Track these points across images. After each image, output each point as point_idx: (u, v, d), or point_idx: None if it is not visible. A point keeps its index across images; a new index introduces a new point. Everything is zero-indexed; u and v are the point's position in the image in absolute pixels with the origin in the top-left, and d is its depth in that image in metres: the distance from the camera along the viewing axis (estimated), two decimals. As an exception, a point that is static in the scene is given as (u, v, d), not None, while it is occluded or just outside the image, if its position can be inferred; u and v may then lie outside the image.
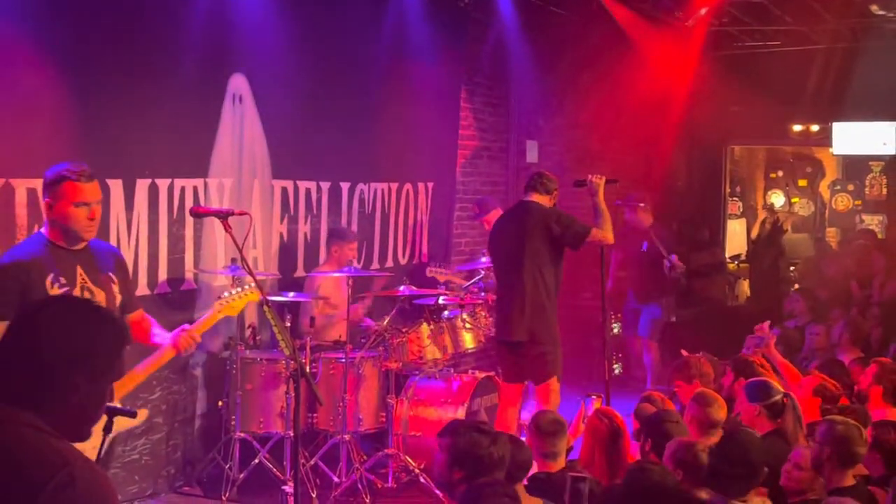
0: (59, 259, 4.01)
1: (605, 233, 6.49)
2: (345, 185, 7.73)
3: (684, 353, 6.22)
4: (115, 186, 5.72)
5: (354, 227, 7.74)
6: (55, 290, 3.95)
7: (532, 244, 6.36)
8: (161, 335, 4.36)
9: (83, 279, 4.05)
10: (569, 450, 5.11)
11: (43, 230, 4.10)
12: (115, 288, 4.20)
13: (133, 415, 3.75)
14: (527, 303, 6.32)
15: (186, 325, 4.34)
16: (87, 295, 4.02)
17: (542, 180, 6.55)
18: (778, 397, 4.97)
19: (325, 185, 7.53)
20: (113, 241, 5.55)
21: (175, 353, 4.27)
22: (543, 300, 6.35)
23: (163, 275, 6.15)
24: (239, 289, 4.59)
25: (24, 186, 5.18)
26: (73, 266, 4.03)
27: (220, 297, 4.55)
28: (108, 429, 3.55)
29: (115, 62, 5.61)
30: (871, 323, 8.53)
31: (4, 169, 5.09)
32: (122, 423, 4.04)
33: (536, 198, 6.51)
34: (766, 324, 6.60)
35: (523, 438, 4.74)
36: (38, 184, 5.17)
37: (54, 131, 5.28)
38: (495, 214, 7.50)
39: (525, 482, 4.17)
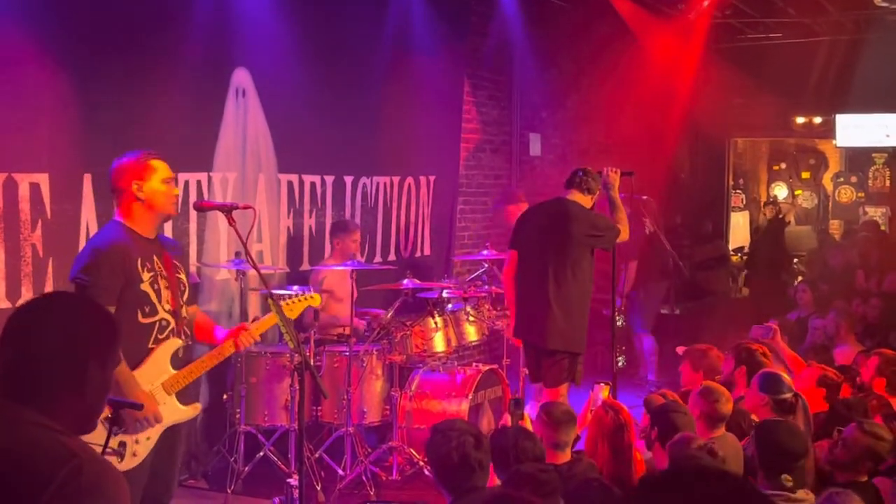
0: (141, 246, 4.07)
1: (624, 231, 6.48)
2: (348, 179, 7.73)
3: (680, 350, 6.21)
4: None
5: (357, 220, 7.74)
6: (145, 275, 4.02)
7: (574, 251, 6.28)
8: (220, 331, 4.43)
9: (159, 267, 4.11)
10: (576, 439, 5.13)
11: (119, 219, 4.11)
12: (183, 277, 4.27)
13: (139, 407, 3.79)
14: (557, 310, 6.26)
15: (246, 324, 4.46)
16: (162, 284, 4.10)
17: (587, 179, 6.40)
18: (788, 395, 4.99)
19: (329, 179, 7.54)
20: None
21: (234, 350, 4.35)
22: (574, 308, 6.31)
23: (167, 269, 6.15)
24: (299, 292, 4.71)
25: (27, 181, 5.18)
26: (151, 255, 4.10)
27: (280, 300, 4.60)
28: (115, 421, 3.59)
29: (117, 56, 5.60)
30: (871, 313, 8.53)
31: (7, 163, 5.08)
32: (179, 415, 4.15)
33: (577, 197, 6.40)
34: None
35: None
36: (41, 178, 5.21)
37: (57, 126, 5.29)
38: (517, 209, 7.38)
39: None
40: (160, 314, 4.07)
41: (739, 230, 14.09)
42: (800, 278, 11.70)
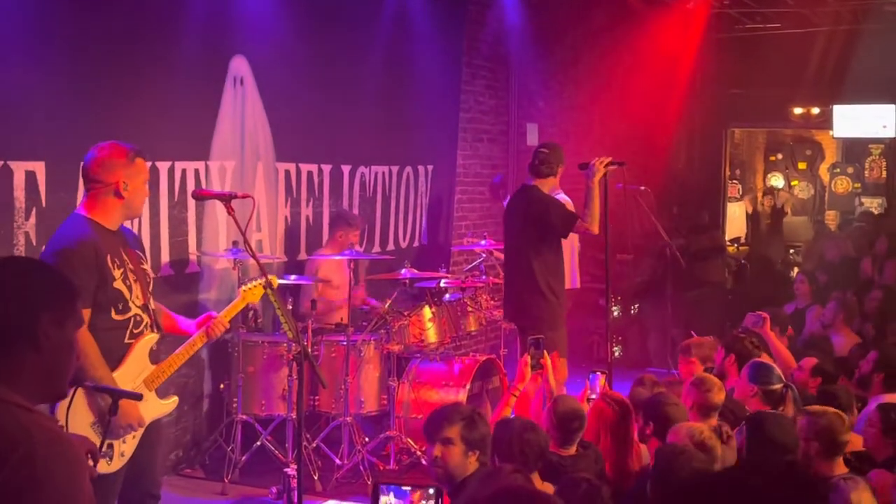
0: (108, 241, 3.99)
1: (590, 224, 6.30)
2: (346, 168, 7.71)
3: (693, 334, 6.24)
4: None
5: (356, 211, 7.73)
6: (117, 272, 3.95)
7: (531, 232, 6.43)
8: (185, 322, 4.39)
9: (127, 262, 4.05)
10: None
11: (83, 213, 4.02)
12: (147, 268, 4.24)
13: (139, 397, 3.78)
14: (525, 288, 6.44)
15: (213, 313, 4.39)
16: (131, 278, 4.04)
17: (541, 165, 6.53)
18: (777, 386, 4.98)
19: (327, 168, 7.52)
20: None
21: (207, 339, 4.30)
22: (542, 285, 6.42)
23: (165, 258, 6.13)
24: (261, 276, 4.70)
25: (22, 169, 5.13)
26: (118, 249, 4.03)
27: (242, 284, 4.59)
28: (113, 411, 3.58)
29: (114, 43, 5.56)
30: (869, 304, 8.54)
31: (3, 151, 5.03)
32: (159, 411, 4.16)
33: (537, 182, 6.54)
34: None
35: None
36: (36, 166, 5.18)
37: (53, 113, 5.24)
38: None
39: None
40: (133, 310, 4.02)
41: (736, 220, 14.10)
42: (796, 269, 11.71)
